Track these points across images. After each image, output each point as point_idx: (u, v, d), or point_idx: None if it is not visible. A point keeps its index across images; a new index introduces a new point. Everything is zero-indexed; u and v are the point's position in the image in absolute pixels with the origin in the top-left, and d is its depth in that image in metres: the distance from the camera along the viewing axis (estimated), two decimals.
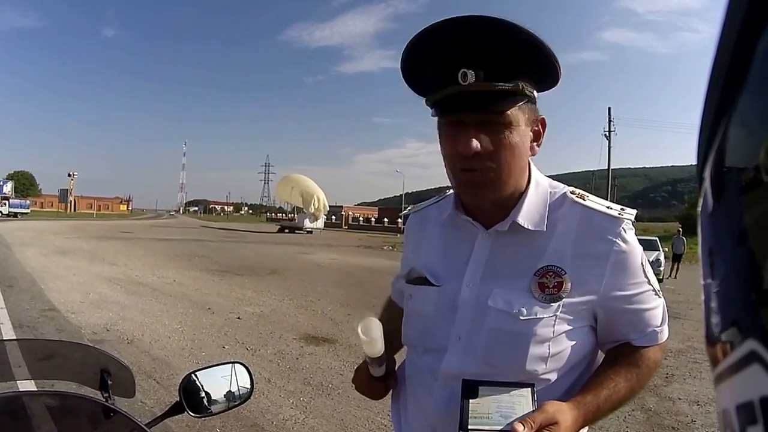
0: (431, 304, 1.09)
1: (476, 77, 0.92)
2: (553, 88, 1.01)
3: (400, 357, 1.26)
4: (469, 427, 0.88)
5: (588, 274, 0.99)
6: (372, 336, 1.01)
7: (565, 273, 0.99)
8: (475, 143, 0.94)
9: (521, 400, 0.92)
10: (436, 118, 1.05)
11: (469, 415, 0.90)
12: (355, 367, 1.23)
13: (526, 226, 1.02)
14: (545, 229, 1.01)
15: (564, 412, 0.92)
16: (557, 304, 0.99)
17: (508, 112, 0.95)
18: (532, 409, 0.90)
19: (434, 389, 1.05)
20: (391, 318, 1.34)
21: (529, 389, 0.94)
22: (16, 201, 55.50)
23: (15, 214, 49.65)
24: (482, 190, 0.99)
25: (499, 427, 0.88)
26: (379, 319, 1.36)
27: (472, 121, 0.95)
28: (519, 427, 0.86)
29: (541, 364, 0.99)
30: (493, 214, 1.05)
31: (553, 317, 0.99)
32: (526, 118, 0.98)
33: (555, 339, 1.00)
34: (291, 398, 4.28)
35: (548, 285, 0.99)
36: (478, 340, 1.02)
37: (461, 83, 0.93)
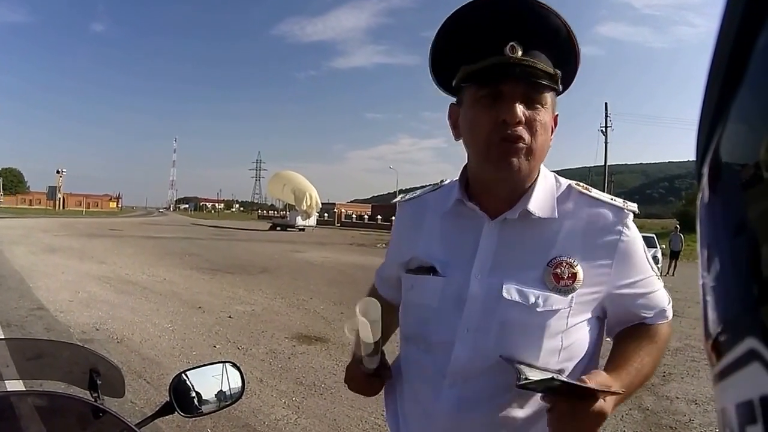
0: (435, 295, 1.06)
1: (521, 52, 0.95)
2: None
3: (392, 355, 1.25)
4: (529, 376, 0.87)
5: (598, 264, 1.00)
6: (372, 317, 0.98)
7: (578, 264, 0.99)
8: (521, 111, 0.95)
9: (557, 377, 0.92)
10: (453, 101, 1.07)
11: (525, 373, 0.88)
12: (347, 366, 1.21)
13: (537, 215, 1.01)
14: (556, 216, 1.02)
15: (614, 381, 0.93)
16: (572, 295, 0.99)
17: (546, 94, 0.98)
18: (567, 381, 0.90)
19: (442, 388, 1.02)
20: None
21: (556, 374, 0.94)
22: None
23: None
24: (517, 162, 0.97)
25: (552, 376, 0.87)
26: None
27: (513, 92, 0.95)
28: (586, 377, 0.88)
29: (554, 356, 0.99)
30: (501, 203, 1.03)
31: (568, 309, 0.99)
32: (552, 107, 1.00)
33: (567, 331, 1.00)
34: (283, 398, 4.26)
35: (563, 276, 0.99)
36: (489, 332, 1.00)
37: (509, 55, 0.94)
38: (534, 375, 0.88)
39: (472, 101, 0.99)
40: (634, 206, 1.04)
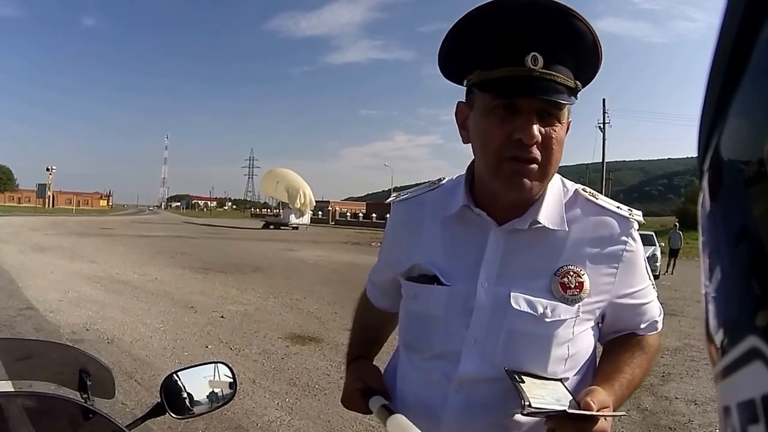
0: (440, 305, 1.03)
1: (543, 64, 0.89)
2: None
3: (389, 354, 1.25)
4: (533, 405, 0.87)
5: (603, 273, 1.00)
6: None
7: (585, 273, 0.98)
8: (537, 130, 0.91)
9: (561, 389, 0.95)
10: (461, 102, 1.03)
11: (528, 395, 0.89)
12: (344, 385, 1.20)
13: (547, 225, 0.99)
14: (566, 228, 1.00)
15: (609, 396, 0.94)
16: (578, 304, 0.98)
17: (564, 109, 0.94)
18: (571, 397, 0.92)
19: (449, 394, 1.01)
20: (371, 321, 1.31)
21: (560, 382, 0.97)
22: None
23: None
24: (529, 183, 0.94)
25: (561, 407, 0.88)
26: (356, 323, 1.34)
27: (531, 108, 0.91)
28: (591, 403, 0.87)
29: (560, 365, 0.99)
30: (508, 211, 1.00)
31: (575, 318, 0.99)
32: (567, 117, 0.97)
33: (573, 339, 1.00)
34: (276, 399, 4.24)
35: (570, 285, 0.98)
36: (497, 343, 0.99)
37: (531, 66, 0.88)
38: (539, 400, 0.89)
39: (485, 110, 0.94)
40: (639, 215, 1.03)
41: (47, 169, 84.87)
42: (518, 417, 0.96)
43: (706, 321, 0.34)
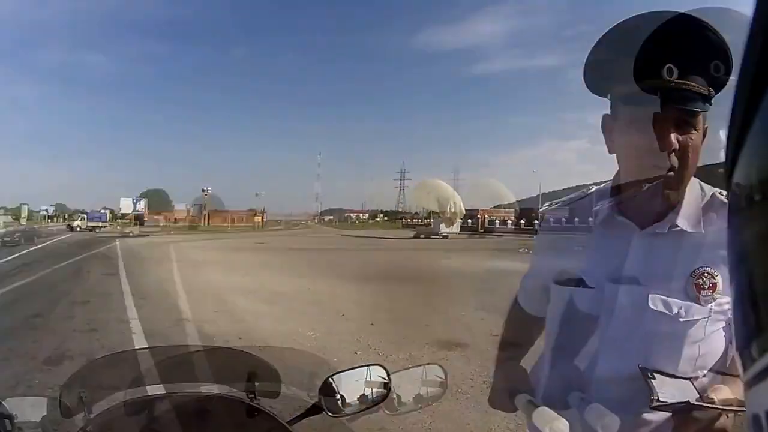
0: (584, 307, 1.09)
1: (678, 75, 0.94)
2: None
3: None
4: (661, 399, 0.92)
5: None
6: None
7: (718, 274, 1.00)
8: (675, 138, 0.96)
9: (689, 386, 0.97)
10: (606, 114, 1.08)
11: (657, 390, 0.94)
12: (492, 386, 1.28)
13: (685, 228, 1.03)
14: (703, 231, 1.02)
15: (735, 396, 0.95)
16: (711, 305, 1.00)
17: (699, 116, 0.98)
18: (698, 395, 0.95)
19: (588, 392, 1.04)
20: (520, 325, 1.36)
21: (689, 381, 0.99)
22: (95, 213, 56.02)
23: (92, 228, 48.53)
24: (667, 190, 1.00)
25: (686, 401, 0.93)
26: (507, 326, 1.40)
27: (668, 118, 0.96)
28: (715, 399, 0.93)
29: (691, 364, 1.02)
30: (649, 216, 1.05)
31: (707, 318, 1.01)
32: (703, 124, 0.99)
33: (705, 339, 1.02)
34: None
35: (704, 286, 1.00)
36: (635, 342, 1.03)
37: (667, 78, 0.93)
38: (667, 395, 0.94)
39: (627, 122, 1.02)
40: None
41: (203, 190, 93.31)
42: (647, 415, 1.00)
43: (735, 331, 0.34)
